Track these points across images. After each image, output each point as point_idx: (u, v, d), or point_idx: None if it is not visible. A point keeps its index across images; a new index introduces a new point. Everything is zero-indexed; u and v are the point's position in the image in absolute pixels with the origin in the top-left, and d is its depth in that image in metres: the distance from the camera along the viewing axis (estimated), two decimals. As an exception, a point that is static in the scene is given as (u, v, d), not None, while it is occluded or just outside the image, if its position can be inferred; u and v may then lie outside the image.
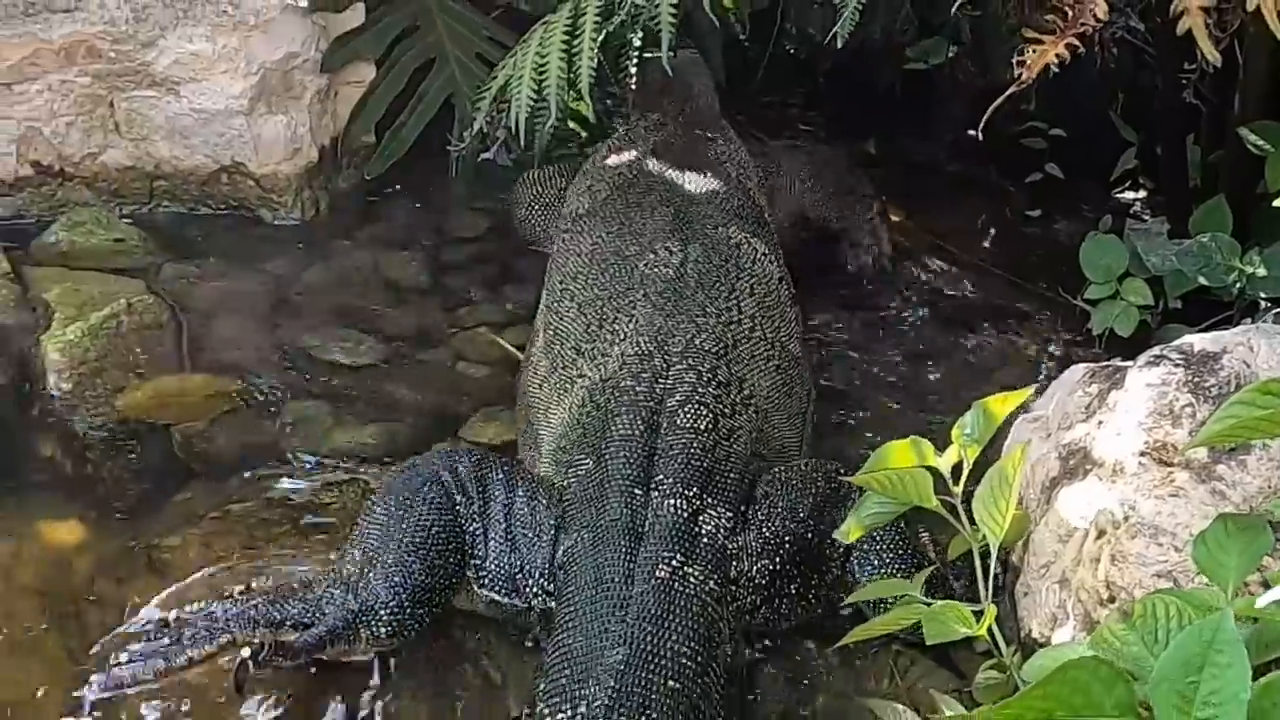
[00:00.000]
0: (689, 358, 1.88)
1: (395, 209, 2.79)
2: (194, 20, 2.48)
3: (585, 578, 1.60)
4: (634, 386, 1.83)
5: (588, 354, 1.95)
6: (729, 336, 1.96)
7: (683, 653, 1.51)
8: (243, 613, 1.60)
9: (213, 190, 2.64)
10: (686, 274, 2.04)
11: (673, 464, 1.70)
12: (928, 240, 3.07)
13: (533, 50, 2.20)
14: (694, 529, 1.64)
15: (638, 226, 2.18)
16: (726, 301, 2.02)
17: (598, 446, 1.76)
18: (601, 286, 2.05)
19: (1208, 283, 2.27)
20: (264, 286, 2.47)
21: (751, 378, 1.93)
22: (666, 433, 1.75)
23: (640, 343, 1.91)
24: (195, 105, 2.53)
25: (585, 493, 1.70)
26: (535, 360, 2.07)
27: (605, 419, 1.79)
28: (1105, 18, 1.46)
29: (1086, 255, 2.45)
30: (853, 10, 2.01)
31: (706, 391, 1.83)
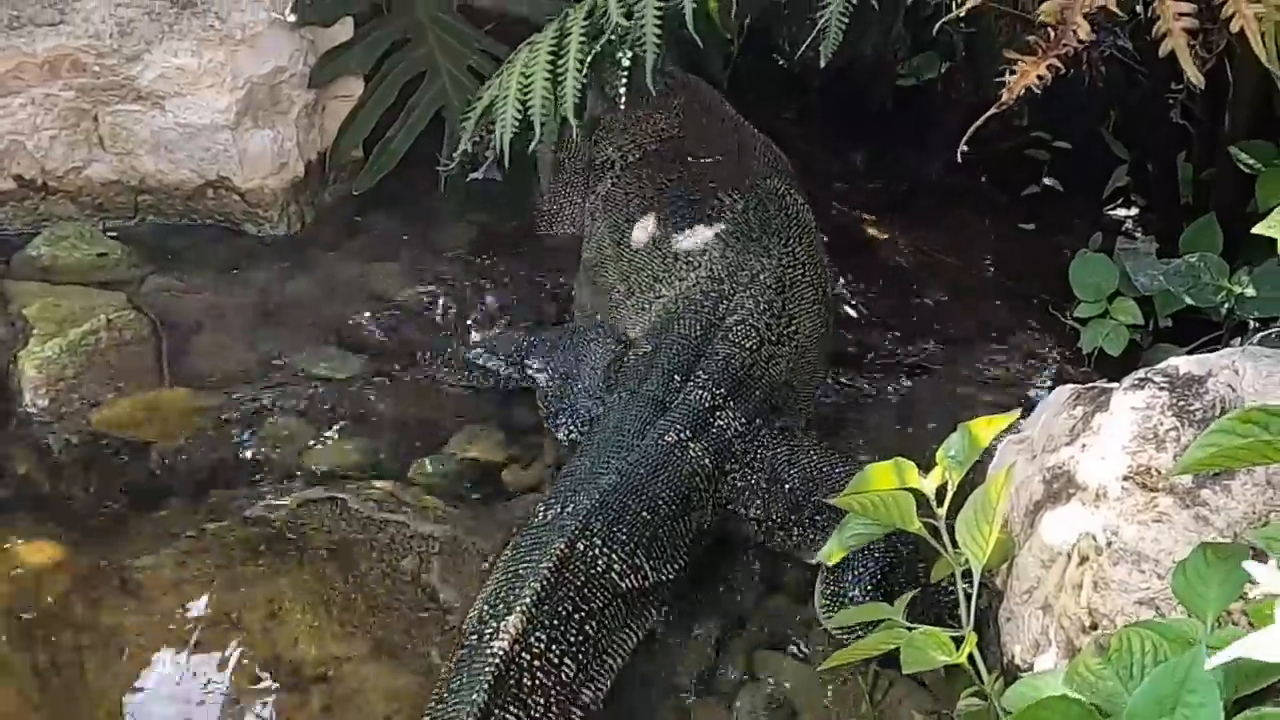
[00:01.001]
0: (753, 289, 2.20)
1: (382, 223, 2.77)
2: (179, 35, 2.47)
3: (609, 424, 1.97)
4: (702, 301, 2.18)
5: (665, 280, 2.29)
6: (788, 277, 2.27)
7: (662, 497, 1.84)
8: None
9: (198, 204, 2.62)
10: (750, 219, 2.37)
11: (712, 365, 2.04)
12: (920, 255, 3.06)
13: (517, 71, 2.18)
14: (709, 418, 1.97)
15: (697, 175, 2.49)
16: (785, 246, 2.33)
17: (660, 337, 2.13)
18: (674, 225, 2.38)
19: (1196, 303, 2.26)
20: (248, 300, 2.45)
21: (800, 316, 2.24)
22: (718, 342, 2.09)
23: (714, 270, 2.25)
24: (180, 120, 2.51)
25: (637, 366, 2.09)
26: (599, 285, 2.41)
27: (672, 320, 2.16)
28: (1088, 39, 1.44)
29: (1076, 274, 2.44)
30: (835, 33, 1.99)
31: (761, 319, 2.15)
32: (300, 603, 1.76)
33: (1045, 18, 1.46)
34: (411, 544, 1.89)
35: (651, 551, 1.79)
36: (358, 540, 1.87)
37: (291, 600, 1.77)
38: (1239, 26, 1.46)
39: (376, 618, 1.77)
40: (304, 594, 1.77)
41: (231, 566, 1.80)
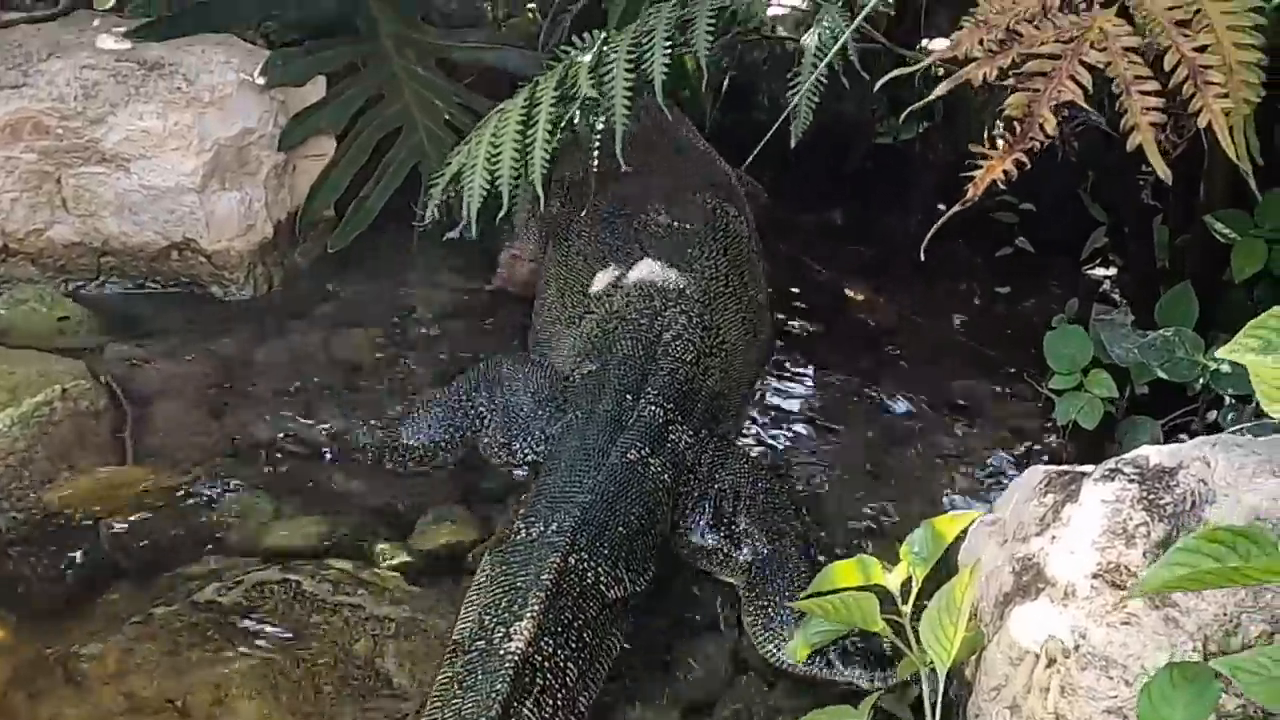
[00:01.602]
0: (681, 303, 2.32)
1: (352, 285, 2.74)
2: (145, 97, 2.44)
3: (573, 443, 2.05)
4: (637, 320, 2.27)
5: (595, 294, 2.38)
6: (712, 289, 2.39)
7: (632, 511, 1.95)
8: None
9: (162, 266, 2.58)
10: (674, 233, 2.49)
11: (660, 381, 2.16)
12: (895, 318, 3.03)
13: (486, 139, 2.16)
14: (664, 433, 2.09)
15: (631, 191, 2.57)
16: (708, 259, 2.45)
17: (603, 357, 2.22)
18: (605, 241, 2.49)
19: (1171, 378, 2.23)
20: (211, 368, 2.40)
21: (724, 325, 2.36)
22: (660, 358, 2.20)
23: (644, 286, 2.35)
24: (145, 182, 2.48)
25: (587, 386, 2.18)
26: (548, 303, 2.50)
27: (612, 340, 2.25)
28: (1054, 133, 1.42)
29: (1051, 346, 2.41)
30: (805, 112, 1.98)
31: (694, 332, 2.28)
32: (248, 689, 1.71)
33: (1011, 111, 1.44)
34: (366, 626, 1.84)
35: (630, 564, 1.90)
36: (311, 624, 1.82)
37: (239, 687, 1.72)
38: (1206, 121, 1.44)
39: (327, 705, 1.72)
40: (253, 680, 1.72)
41: (179, 652, 1.74)
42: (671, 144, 2.88)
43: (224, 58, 2.56)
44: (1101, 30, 1.46)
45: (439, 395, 2.25)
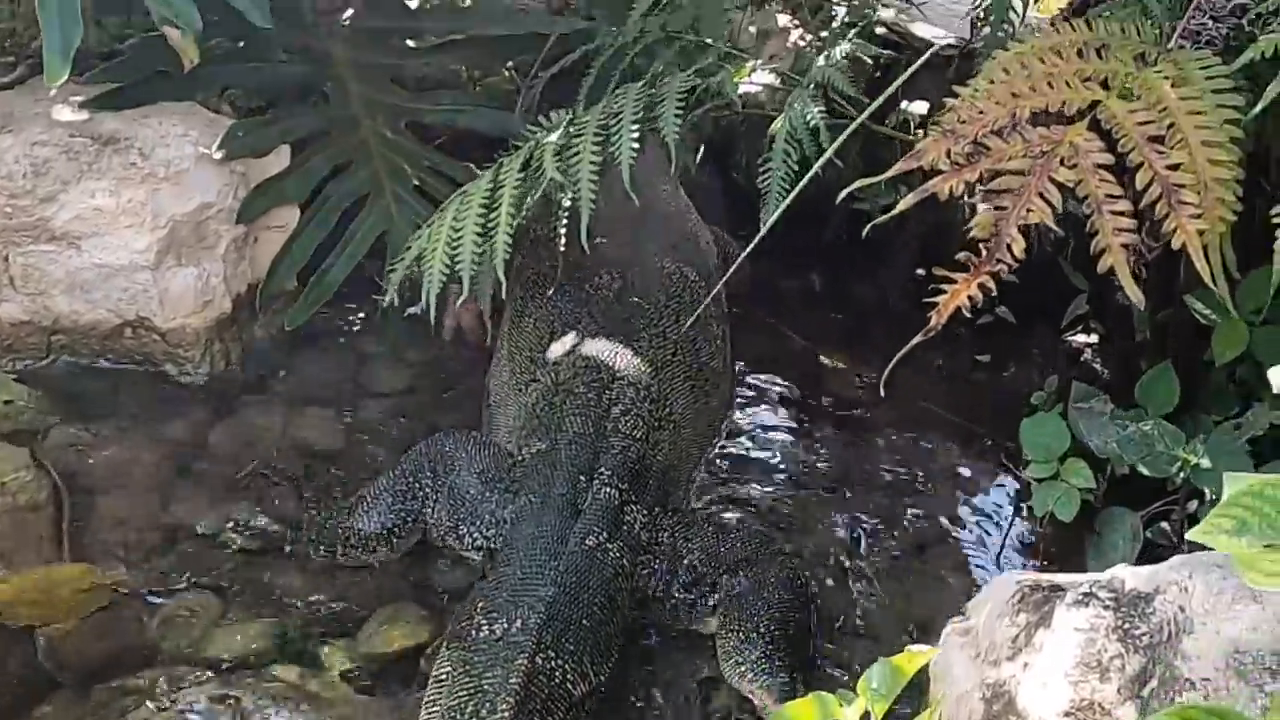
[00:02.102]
0: (629, 375, 2.27)
1: (312, 360, 2.65)
2: (98, 174, 2.36)
3: (530, 531, 2.00)
4: (585, 394, 2.22)
5: (540, 361, 2.33)
6: (659, 358, 2.34)
7: (594, 602, 1.92)
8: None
9: (115, 344, 2.50)
10: (625, 298, 2.43)
11: (612, 461, 2.12)
12: (873, 389, 2.96)
13: (448, 222, 2.09)
14: (619, 516, 2.06)
15: (582, 256, 2.46)
16: (656, 326, 2.40)
17: (553, 436, 2.16)
18: (554, 305, 2.42)
19: (1151, 472, 2.17)
20: (161, 453, 2.32)
21: (673, 396, 2.32)
22: (610, 434, 2.16)
23: (588, 356, 2.29)
24: (97, 260, 2.40)
25: (538, 467, 2.12)
26: (499, 366, 2.46)
27: (561, 416, 2.19)
28: (1022, 257, 1.36)
29: (1027, 434, 2.35)
30: (777, 198, 1.92)
31: (642, 405, 2.23)
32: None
33: (978, 232, 1.38)
34: (311, 745, 1.76)
35: (594, 657, 1.87)
36: (252, 745, 1.74)
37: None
38: (1180, 243, 1.38)
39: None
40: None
41: (109, 776, 1.66)
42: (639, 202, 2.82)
43: (182, 130, 2.49)
44: (1072, 145, 1.41)
45: (385, 478, 2.17)
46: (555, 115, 2.24)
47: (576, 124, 2.13)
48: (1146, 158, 1.39)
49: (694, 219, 2.92)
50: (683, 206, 2.93)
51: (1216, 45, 1.54)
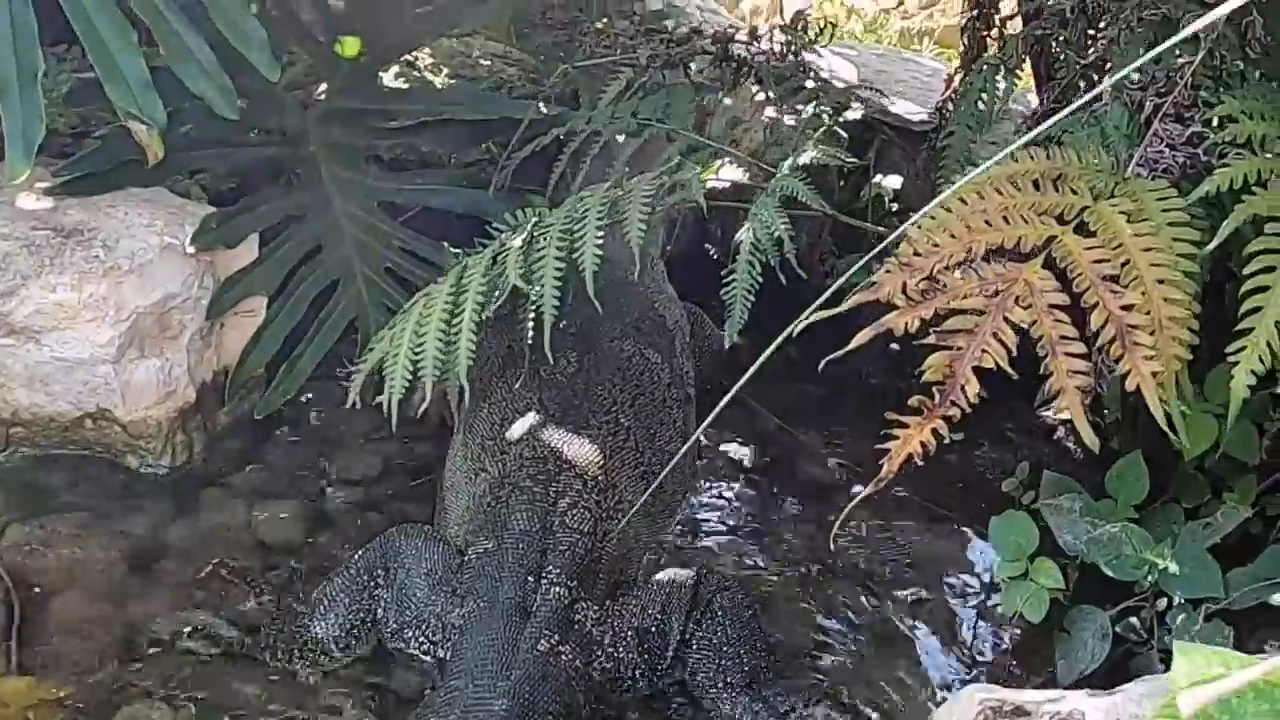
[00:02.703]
0: (576, 465, 2.23)
1: (278, 448, 2.62)
2: (59, 268, 2.34)
3: (479, 639, 1.97)
4: (532, 487, 2.19)
5: (490, 449, 2.31)
6: (609, 445, 2.31)
7: (550, 711, 1.88)
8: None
9: (75, 436, 2.46)
10: (578, 383, 2.40)
11: (560, 559, 2.07)
12: (842, 468, 2.95)
13: (410, 326, 2.08)
14: (570, 615, 2.02)
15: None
16: (609, 413, 2.37)
17: (499, 534, 2.12)
18: (508, 388, 2.39)
19: (1118, 576, 2.16)
20: (119, 552, 2.27)
21: (623, 484, 2.28)
22: (557, 530, 2.12)
23: (536, 445, 2.27)
24: (58, 354, 2.37)
25: (485, 569, 2.08)
26: (455, 451, 2.41)
27: (508, 512, 2.16)
28: (975, 401, 1.35)
29: (997, 533, 2.34)
30: (740, 311, 1.92)
31: (590, 497, 2.20)
32: None
33: (930, 374, 1.37)
34: None
35: None
36: None
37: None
38: (1135, 384, 1.37)
39: None
40: None
41: None
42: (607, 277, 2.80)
43: (147, 220, 2.47)
44: (1027, 284, 1.40)
45: (340, 578, 2.13)
46: (522, 215, 2.23)
47: (541, 227, 2.12)
48: (1101, 298, 1.38)
49: (662, 295, 2.88)
50: (651, 282, 2.89)
51: (1173, 174, 1.54)
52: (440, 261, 2.75)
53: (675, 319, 2.85)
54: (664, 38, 2.68)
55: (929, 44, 4.57)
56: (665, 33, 2.72)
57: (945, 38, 4.55)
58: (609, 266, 2.76)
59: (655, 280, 2.90)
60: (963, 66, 2.45)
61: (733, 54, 2.72)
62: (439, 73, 3.62)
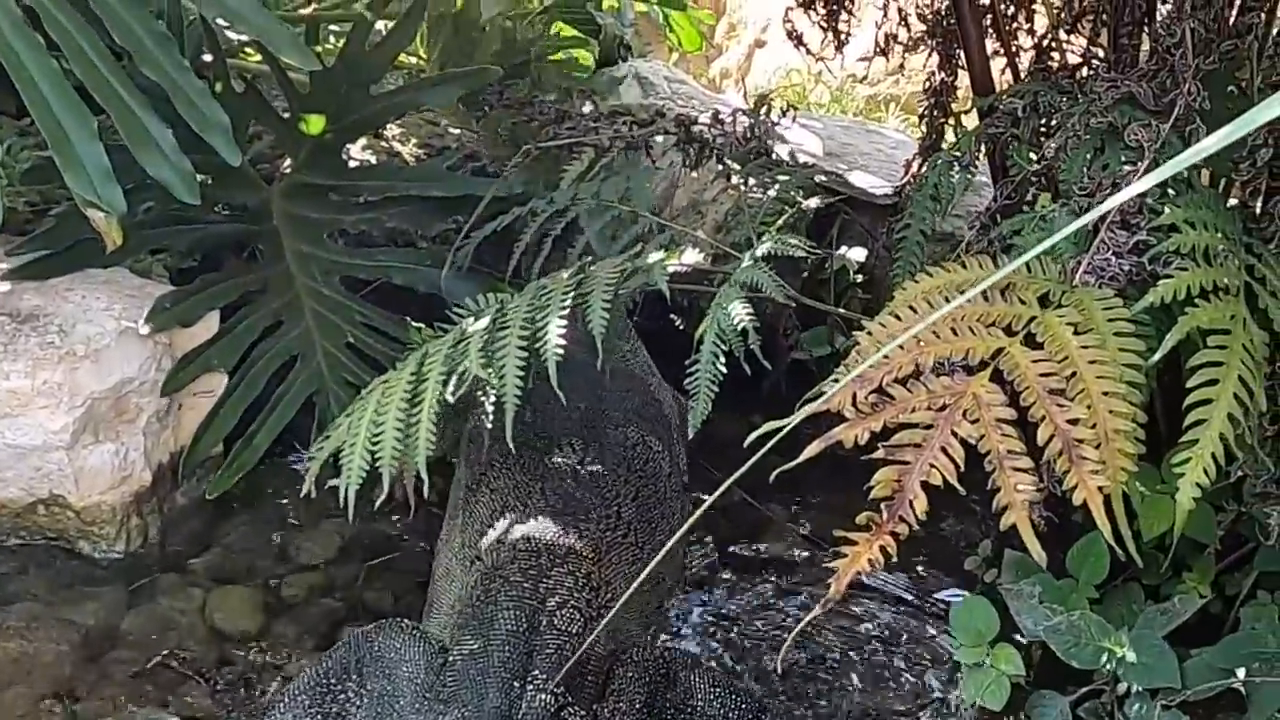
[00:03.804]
0: (569, 561, 2.16)
1: (235, 531, 2.59)
2: (14, 355, 2.32)
3: None
4: (521, 583, 2.10)
5: (486, 541, 2.22)
6: (605, 541, 2.24)
7: None
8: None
9: (26, 521, 2.43)
10: (580, 474, 2.35)
11: (546, 662, 1.98)
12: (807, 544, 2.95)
13: (368, 417, 2.06)
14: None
15: (548, 418, 2.44)
16: (608, 507, 2.30)
17: (485, 633, 2.03)
18: (510, 476, 2.33)
19: (1077, 664, 2.16)
20: (70, 643, 2.23)
21: (617, 581, 2.21)
22: (544, 631, 2.04)
23: (531, 540, 2.19)
24: (9, 440, 2.34)
25: (469, 673, 1.98)
26: (450, 536, 2.34)
27: (495, 608, 2.06)
28: (924, 518, 1.36)
29: (958, 620, 2.33)
30: (705, 402, 1.92)
31: (580, 596, 2.12)
32: None
33: (878, 490, 1.38)
34: None
35: None
36: None
37: None
38: (1082, 499, 1.38)
39: None
40: None
41: None
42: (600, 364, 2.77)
43: (105, 303, 2.46)
44: (975, 398, 1.41)
45: (305, 678, 2.05)
46: (484, 300, 2.23)
47: (501, 317, 2.12)
48: (1048, 411, 1.39)
49: (655, 380, 2.86)
50: (644, 365, 2.88)
51: (1119, 282, 1.56)
52: (401, 337, 2.75)
53: (668, 403, 2.83)
54: (626, 119, 2.70)
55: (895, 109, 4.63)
56: (628, 114, 2.74)
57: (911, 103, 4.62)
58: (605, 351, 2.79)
59: (646, 363, 2.89)
60: (920, 154, 2.48)
61: (695, 135, 2.75)
62: (407, 143, 3.63)
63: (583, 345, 2.74)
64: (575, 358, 2.68)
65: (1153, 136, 1.61)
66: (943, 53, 2.32)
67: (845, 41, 2.82)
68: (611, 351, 2.67)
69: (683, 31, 4.30)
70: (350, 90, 2.86)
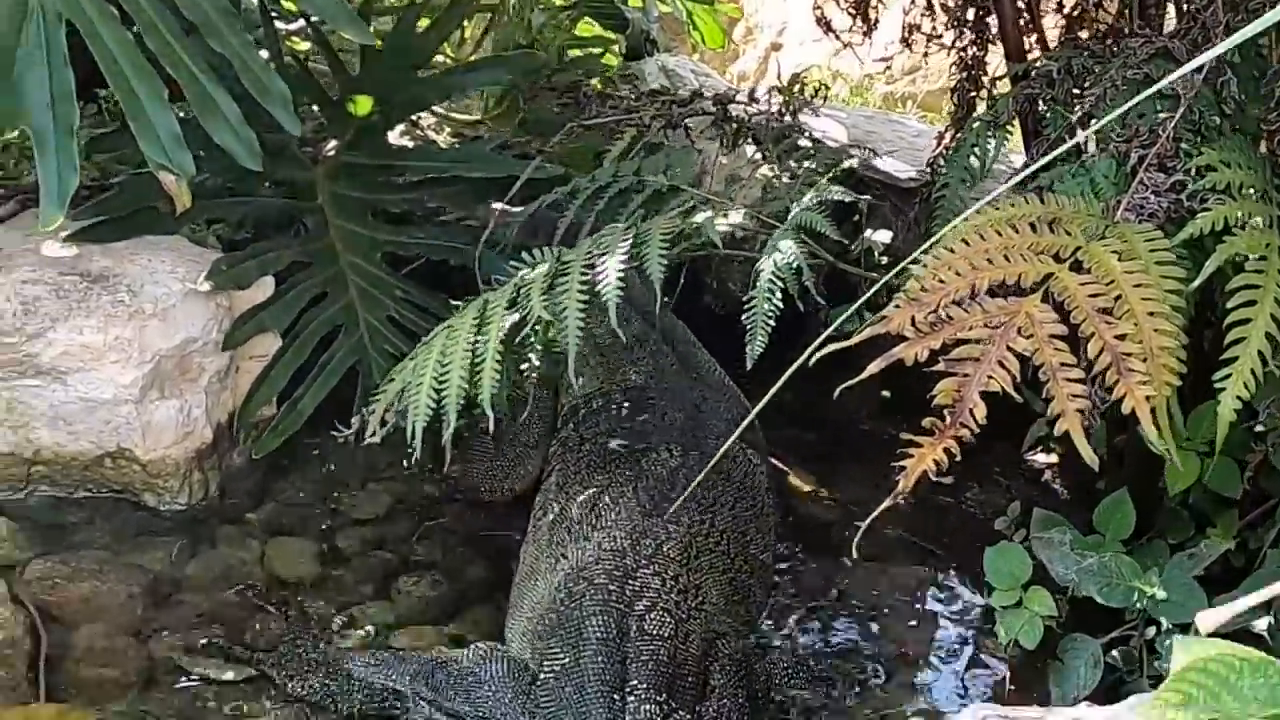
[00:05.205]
0: (655, 562, 2.12)
1: (290, 487, 2.69)
2: (86, 312, 2.42)
3: None
4: (606, 585, 2.06)
5: (575, 535, 2.21)
6: (694, 546, 2.20)
7: None
8: None
9: (95, 474, 2.52)
10: (677, 478, 2.31)
11: (644, 670, 1.94)
12: (839, 510, 3.03)
13: (434, 357, 2.14)
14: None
15: (650, 424, 2.46)
16: (702, 513, 2.27)
17: (575, 644, 1.99)
18: (605, 475, 2.32)
19: (1109, 603, 2.25)
20: (139, 586, 2.33)
21: (706, 586, 2.16)
22: (636, 638, 1.99)
23: (616, 537, 2.16)
24: (82, 394, 2.44)
25: (565, 691, 1.94)
26: (538, 532, 2.32)
27: (581, 615, 2.02)
28: (983, 421, 1.45)
29: (991, 563, 2.43)
30: (761, 337, 2.01)
31: (669, 598, 2.07)
32: None
33: (941, 398, 1.47)
34: None
35: None
36: None
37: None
38: (1130, 407, 1.48)
39: None
40: None
41: None
42: (691, 372, 2.74)
43: (170, 266, 2.56)
44: (1028, 316, 1.51)
45: (380, 665, 2.04)
46: (543, 251, 2.31)
47: (562, 261, 2.20)
48: (1096, 328, 1.49)
49: (740, 395, 2.80)
50: (728, 381, 2.82)
51: (1159, 219, 1.66)
52: (441, 313, 2.84)
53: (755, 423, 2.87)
54: (666, 99, 2.81)
55: (912, 108, 4.75)
56: (668, 94, 2.85)
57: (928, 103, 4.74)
58: (693, 359, 2.81)
59: (726, 378, 2.86)
60: (953, 125, 2.59)
61: (732, 115, 2.86)
62: (441, 131, 3.74)
63: (681, 356, 2.79)
64: (676, 367, 2.73)
65: (1188, 85, 1.72)
66: (975, 27, 2.43)
67: (874, 27, 2.93)
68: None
69: (706, 28, 4.41)
70: (398, 72, 2.97)
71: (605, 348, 2.72)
